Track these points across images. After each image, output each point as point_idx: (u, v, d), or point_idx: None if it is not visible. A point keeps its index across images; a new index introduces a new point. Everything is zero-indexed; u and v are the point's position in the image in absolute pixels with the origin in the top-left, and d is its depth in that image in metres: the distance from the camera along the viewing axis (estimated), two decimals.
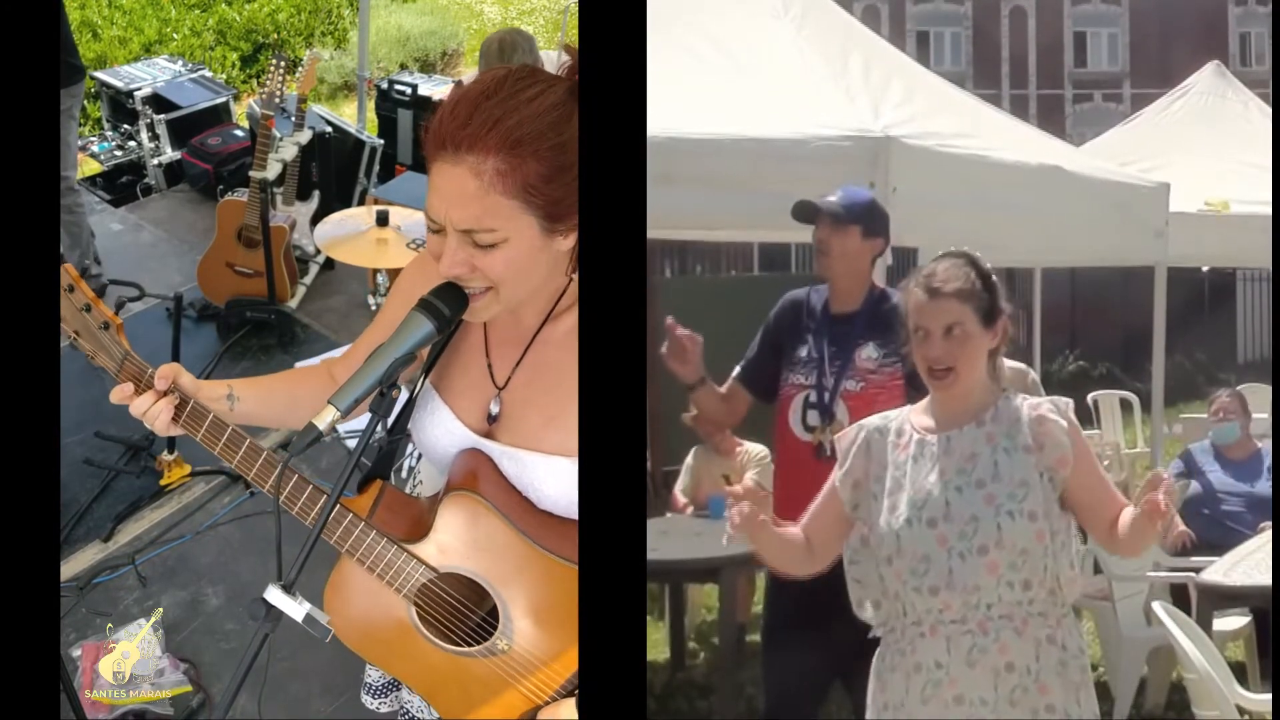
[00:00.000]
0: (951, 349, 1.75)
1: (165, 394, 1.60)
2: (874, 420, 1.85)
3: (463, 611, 1.62)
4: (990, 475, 1.74)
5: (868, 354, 2.42)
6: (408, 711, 1.91)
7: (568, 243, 1.46)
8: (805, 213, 2.49)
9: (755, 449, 4.08)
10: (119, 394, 1.62)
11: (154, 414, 1.60)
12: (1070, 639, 1.77)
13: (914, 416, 1.82)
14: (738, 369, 2.59)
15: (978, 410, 1.78)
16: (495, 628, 1.60)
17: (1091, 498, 1.77)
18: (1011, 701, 1.73)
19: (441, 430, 1.64)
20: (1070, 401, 1.81)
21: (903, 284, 1.83)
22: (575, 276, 1.57)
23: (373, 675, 1.99)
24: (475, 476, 1.57)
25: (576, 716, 1.56)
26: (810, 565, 1.87)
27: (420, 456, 1.80)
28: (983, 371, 1.79)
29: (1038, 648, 1.74)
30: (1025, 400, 1.79)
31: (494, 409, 1.61)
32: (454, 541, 1.56)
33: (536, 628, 1.59)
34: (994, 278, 1.81)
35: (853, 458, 1.83)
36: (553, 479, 1.56)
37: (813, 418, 2.43)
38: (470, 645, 1.61)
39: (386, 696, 1.97)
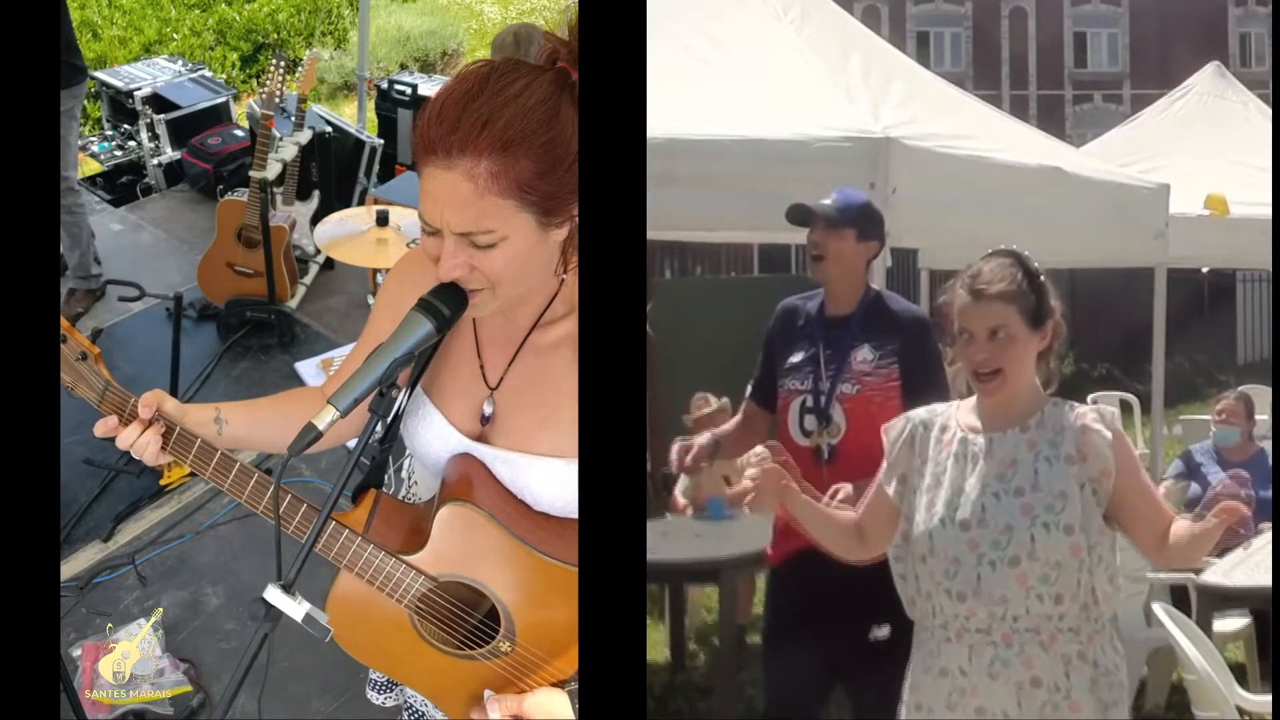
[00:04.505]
0: (996, 352, 1.71)
1: (151, 423, 1.57)
2: (920, 413, 1.82)
3: (461, 615, 1.62)
4: (1030, 484, 1.70)
5: (863, 356, 2.40)
6: (411, 705, 1.92)
7: (562, 233, 1.46)
8: (799, 216, 2.48)
9: (756, 450, 4.07)
10: (104, 427, 1.58)
11: (142, 445, 1.57)
12: (1103, 655, 1.74)
13: (961, 414, 1.79)
14: (749, 388, 2.57)
15: (1023, 414, 1.74)
16: (494, 629, 1.60)
17: (1138, 510, 1.72)
18: (1041, 718, 1.70)
19: (434, 434, 1.63)
20: (1115, 411, 1.76)
21: (948, 285, 1.79)
22: (568, 279, 1.57)
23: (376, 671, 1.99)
24: (470, 484, 1.57)
25: (567, 707, 1.56)
26: (862, 551, 1.86)
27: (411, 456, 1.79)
28: (1030, 375, 1.75)
29: (1068, 665, 1.71)
30: (1073, 407, 1.75)
31: (487, 410, 1.61)
32: (451, 551, 1.55)
33: (537, 629, 1.59)
34: (1042, 278, 1.76)
35: (898, 451, 1.81)
36: (547, 482, 1.56)
37: (809, 422, 2.41)
38: (471, 648, 1.61)
39: (391, 691, 1.98)
